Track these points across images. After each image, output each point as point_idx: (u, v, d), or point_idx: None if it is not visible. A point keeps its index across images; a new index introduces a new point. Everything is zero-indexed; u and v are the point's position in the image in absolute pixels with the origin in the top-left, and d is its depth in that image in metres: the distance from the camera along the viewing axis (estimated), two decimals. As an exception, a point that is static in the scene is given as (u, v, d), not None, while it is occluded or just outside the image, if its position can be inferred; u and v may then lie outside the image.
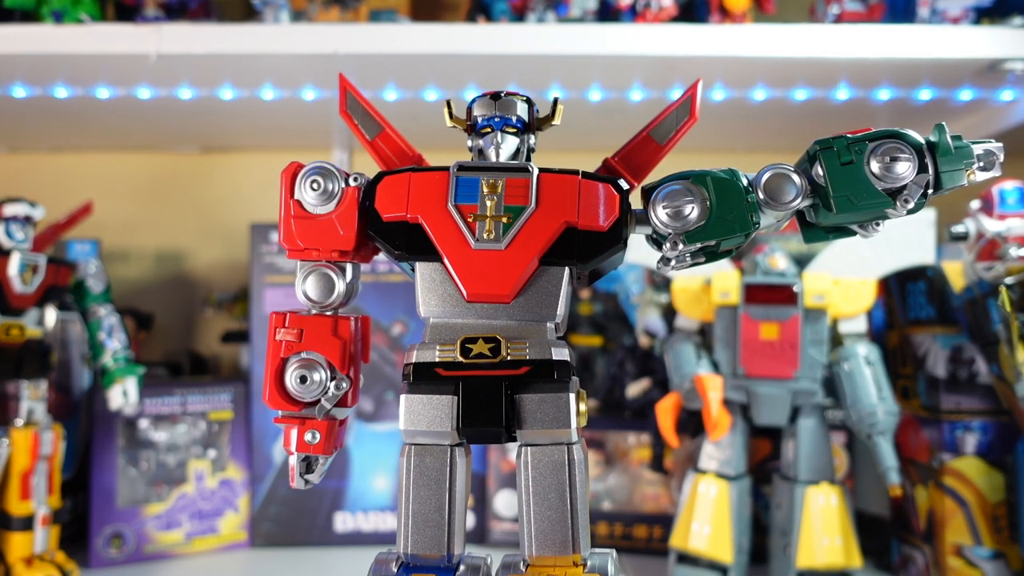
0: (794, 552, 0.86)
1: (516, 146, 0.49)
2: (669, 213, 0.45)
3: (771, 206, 0.45)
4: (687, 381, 0.90)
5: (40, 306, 0.93)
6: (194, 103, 1.11)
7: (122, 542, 1.06)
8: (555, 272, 0.47)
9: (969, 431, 0.91)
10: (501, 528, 1.12)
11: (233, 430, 1.13)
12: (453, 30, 0.95)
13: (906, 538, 0.99)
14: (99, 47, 0.94)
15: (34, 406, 0.92)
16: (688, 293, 0.95)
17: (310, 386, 0.47)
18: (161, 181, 1.46)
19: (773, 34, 0.95)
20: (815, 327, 0.89)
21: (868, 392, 0.87)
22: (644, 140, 0.50)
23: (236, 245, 1.40)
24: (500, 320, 0.47)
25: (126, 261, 1.43)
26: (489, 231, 0.46)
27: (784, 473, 0.92)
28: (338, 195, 0.47)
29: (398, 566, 0.46)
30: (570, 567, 0.45)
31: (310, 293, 0.48)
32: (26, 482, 0.90)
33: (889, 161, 0.43)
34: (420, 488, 0.45)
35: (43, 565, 0.89)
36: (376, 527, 1.13)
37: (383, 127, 0.51)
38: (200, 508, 1.10)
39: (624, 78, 1.02)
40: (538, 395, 0.45)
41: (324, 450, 0.47)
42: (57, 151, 1.43)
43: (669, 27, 0.98)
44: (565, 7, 1.05)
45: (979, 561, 0.88)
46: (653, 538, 1.09)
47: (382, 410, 1.15)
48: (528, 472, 0.45)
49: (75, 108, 1.14)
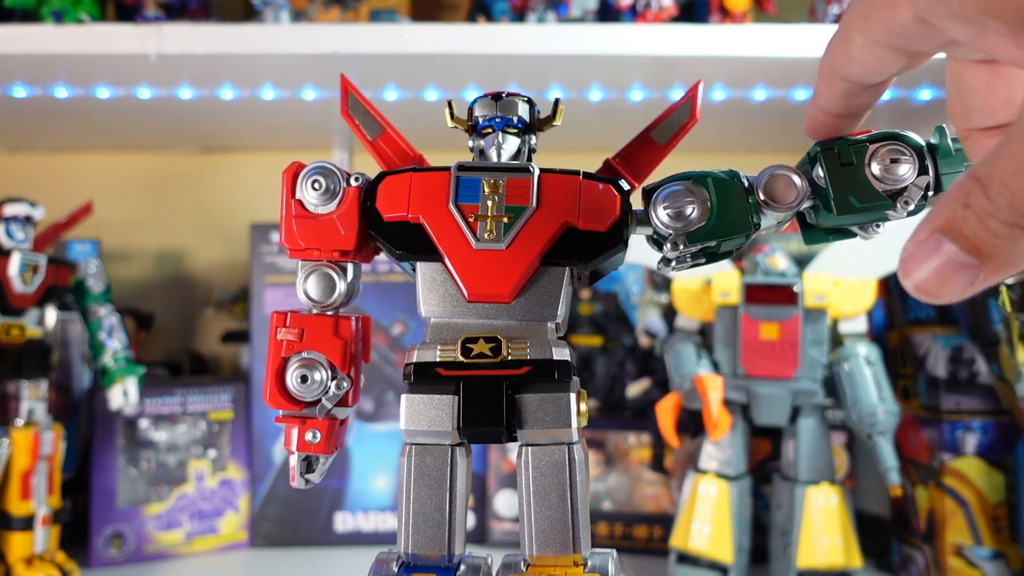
0: (794, 552, 0.86)
1: (517, 146, 0.49)
2: (670, 214, 0.45)
3: (772, 207, 0.45)
4: (687, 381, 0.90)
5: (40, 306, 0.93)
6: (194, 103, 1.11)
7: (122, 542, 1.06)
8: (556, 272, 0.47)
9: (969, 431, 0.91)
10: (501, 528, 1.12)
11: (233, 430, 1.13)
12: (453, 30, 0.95)
13: (906, 538, 0.99)
14: (99, 47, 0.93)
15: (34, 406, 0.92)
16: (688, 293, 0.95)
17: (311, 386, 0.47)
18: (161, 181, 1.46)
19: (773, 34, 0.95)
20: (815, 327, 0.89)
21: (868, 392, 0.87)
22: (645, 141, 0.50)
23: (236, 245, 1.40)
24: (501, 320, 0.47)
25: (126, 261, 1.43)
26: (490, 231, 0.46)
27: (784, 473, 0.92)
28: (339, 195, 0.47)
29: (398, 566, 0.46)
30: (570, 567, 0.45)
31: (311, 293, 0.48)
32: (26, 482, 0.90)
33: (890, 163, 0.43)
34: (421, 488, 0.45)
35: (43, 565, 0.89)
36: (376, 527, 1.13)
37: (384, 127, 0.51)
38: (200, 508, 1.10)
39: (624, 78, 1.02)
40: (539, 395, 0.45)
41: (325, 450, 0.47)
42: (57, 151, 1.43)
43: (669, 27, 0.98)
44: (565, 7, 1.05)
45: (979, 561, 0.89)
46: (653, 538, 1.09)
47: (382, 410, 1.15)
48: (528, 472, 0.45)
49: (75, 108, 1.14)
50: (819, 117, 0.41)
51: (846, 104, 0.39)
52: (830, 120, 0.41)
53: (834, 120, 0.41)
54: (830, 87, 0.38)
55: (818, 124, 0.42)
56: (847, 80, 0.37)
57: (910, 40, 0.32)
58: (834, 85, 0.38)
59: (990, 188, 0.26)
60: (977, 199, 0.26)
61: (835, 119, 0.41)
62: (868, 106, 0.40)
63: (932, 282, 0.28)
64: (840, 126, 0.42)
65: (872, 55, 0.34)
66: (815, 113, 0.41)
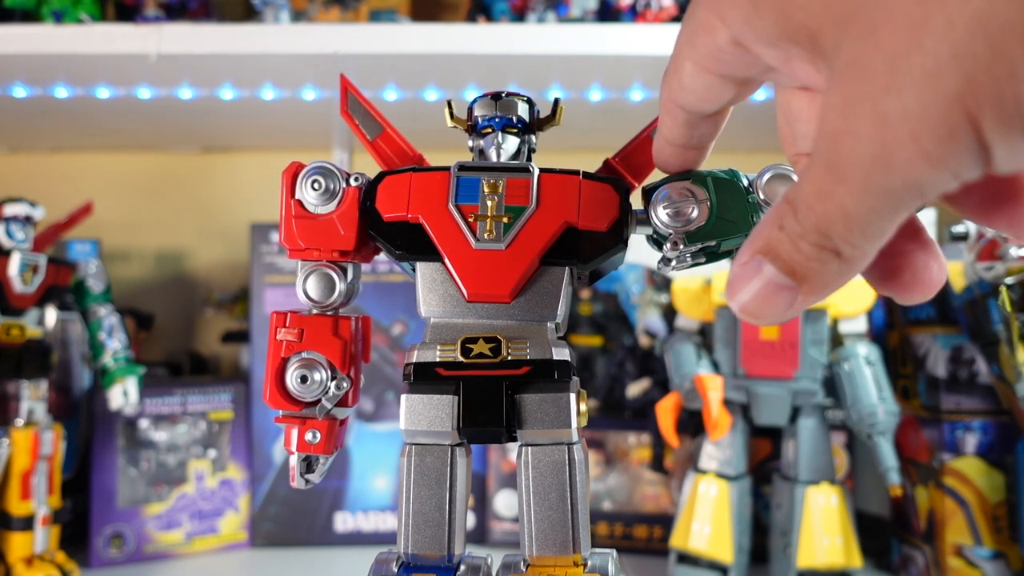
0: (794, 552, 0.86)
1: (517, 146, 0.49)
2: (670, 213, 0.45)
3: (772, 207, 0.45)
4: (687, 381, 0.90)
5: (40, 306, 0.93)
6: (194, 103, 1.11)
7: (122, 542, 1.06)
8: (556, 272, 0.47)
9: (969, 431, 0.91)
10: (501, 528, 1.12)
11: (233, 430, 1.13)
12: (453, 30, 0.95)
13: (906, 538, 0.99)
14: (99, 47, 0.93)
15: (34, 406, 0.92)
16: (688, 293, 0.95)
17: (311, 386, 0.47)
18: (161, 181, 1.46)
19: (773, 34, 0.94)
20: (815, 327, 0.89)
21: (868, 392, 0.87)
22: (645, 141, 0.50)
23: (236, 245, 1.40)
24: (501, 320, 0.47)
25: (126, 261, 1.43)
26: (490, 231, 0.46)
27: (784, 473, 0.92)
28: (339, 195, 0.47)
29: (398, 566, 0.46)
30: (570, 567, 0.45)
31: (311, 293, 0.48)
32: (26, 482, 0.90)
33: None
34: (420, 488, 0.45)
35: (43, 565, 0.89)
36: (376, 527, 1.13)
37: (384, 127, 0.51)
38: (200, 508, 1.10)
39: (624, 78, 1.02)
40: (539, 395, 0.45)
41: (325, 450, 0.47)
42: (57, 151, 1.43)
43: (669, 27, 0.98)
44: (565, 7, 1.05)
45: (979, 561, 0.88)
46: (653, 538, 1.09)
47: (382, 410, 1.15)
48: (528, 472, 0.45)
49: (75, 108, 1.14)
50: (665, 149, 0.41)
51: (688, 135, 0.39)
52: (676, 151, 0.41)
53: (680, 151, 0.41)
54: (671, 117, 0.38)
55: (665, 155, 0.42)
56: (685, 110, 0.37)
57: (732, 66, 0.33)
58: (674, 115, 0.38)
59: (799, 210, 0.27)
60: (789, 222, 0.27)
61: (681, 150, 0.41)
62: (710, 137, 0.40)
63: (754, 304, 0.28)
64: (687, 158, 0.42)
65: (702, 83, 0.34)
66: (661, 145, 0.41)
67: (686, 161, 0.43)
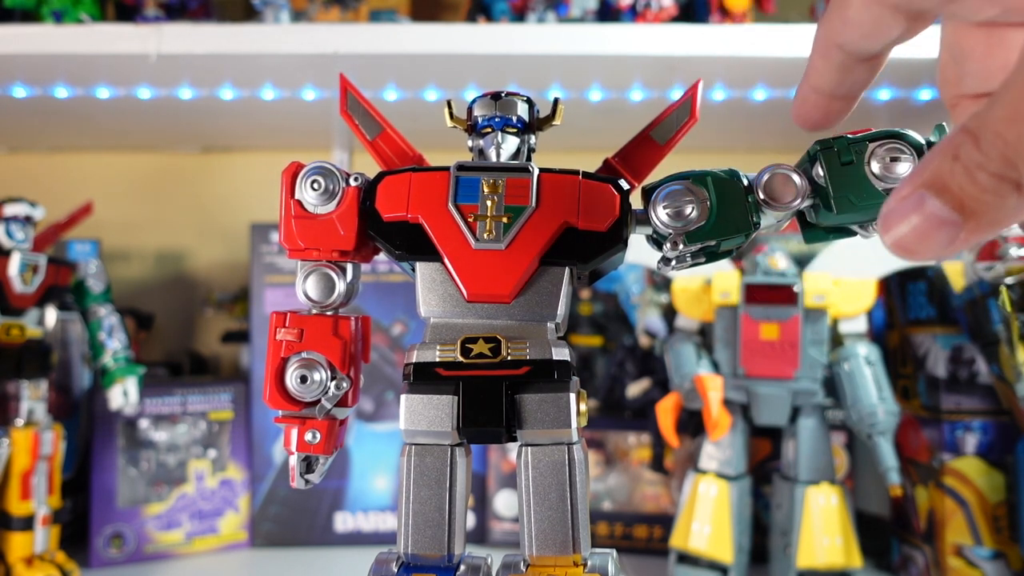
0: (794, 552, 0.86)
1: (517, 146, 0.49)
2: (669, 213, 0.45)
3: (771, 206, 0.45)
4: (687, 381, 0.90)
5: (40, 306, 0.93)
6: (194, 103, 1.11)
7: (122, 542, 1.06)
8: (555, 272, 0.47)
9: (969, 431, 0.91)
10: (501, 528, 1.12)
11: (233, 430, 1.13)
12: (453, 30, 0.95)
13: (906, 538, 0.99)
14: (99, 47, 0.93)
15: (34, 406, 0.92)
16: (688, 293, 0.95)
17: (310, 386, 0.47)
18: (161, 181, 1.46)
19: (773, 34, 0.95)
20: (815, 327, 0.89)
21: (868, 392, 0.87)
22: (644, 140, 0.50)
23: (236, 245, 1.40)
24: (500, 320, 0.47)
25: (126, 261, 1.43)
26: (489, 231, 0.46)
27: (784, 473, 0.92)
28: (339, 195, 0.47)
29: (398, 566, 0.46)
30: (570, 567, 0.45)
31: (310, 293, 0.48)
32: (26, 482, 0.90)
33: (890, 161, 0.43)
34: (420, 488, 0.45)
35: (43, 565, 0.89)
36: (376, 527, 1.13)
37: (384, 127, 0.51)
38: (200, 508, 1.10)
39: (624, 78, 1.02)
40: (538, 395, 0.45)
41: (324, 450, 0.47)
42: (57, 151, 1.43)
43: (669, 27, 0.98)
44: (565, 7, 1.05)
45: (979, 561, 0.88)
46: (653, 538, 1.09)
47: (382, 410, 1.15)
48: (528, 472, 0.45)
49: (75, 108, 1.14)
50: (810, 98, 0.38)
51: (840, 80, 0.37)
52: (821, 101, 0.38)
53: (825, 102, 0.38)
54: (825, 59, 0.36)
55: (808, 106, 0.38)
56: (844, 49, 0.35)
57: None
58: (830, 56, 0.36)
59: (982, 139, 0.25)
60: (967, 151, 0.25)
61: (827, 100, 0.38)
62: (863, 85, 0.37)
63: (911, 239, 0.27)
64: (831, 109, 0.38)
65: (871, 15, 0.33)
66: (806, 93, 0.38)
67: (830, 113, 0.39)
